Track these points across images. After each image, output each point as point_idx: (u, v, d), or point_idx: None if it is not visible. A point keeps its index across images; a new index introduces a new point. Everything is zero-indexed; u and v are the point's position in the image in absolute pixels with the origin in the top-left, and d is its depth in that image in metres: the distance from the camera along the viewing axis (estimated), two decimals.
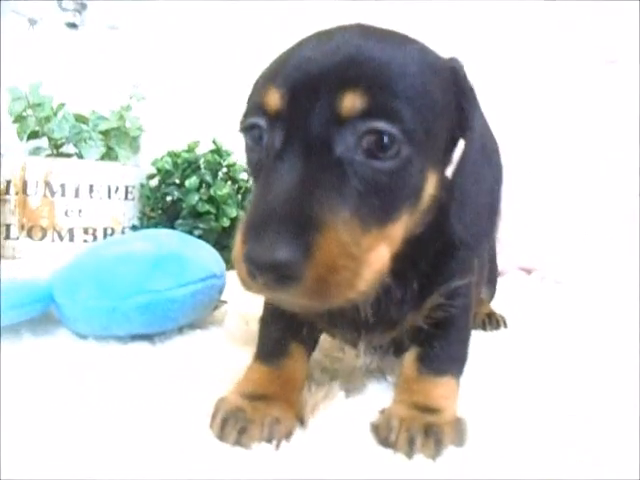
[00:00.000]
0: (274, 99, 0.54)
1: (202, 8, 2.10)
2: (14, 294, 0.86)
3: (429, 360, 0.69)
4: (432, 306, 0.69)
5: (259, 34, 2.05)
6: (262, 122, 0.55)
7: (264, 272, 0.47)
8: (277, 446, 0.58)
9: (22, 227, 1.54)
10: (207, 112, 1.98)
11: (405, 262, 0.61)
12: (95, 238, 1.61)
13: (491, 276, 1.14)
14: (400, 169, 0.53)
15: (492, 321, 1.14)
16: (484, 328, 1.10)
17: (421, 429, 0.59)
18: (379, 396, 0.71)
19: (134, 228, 1.68)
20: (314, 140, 0.52)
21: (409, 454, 0.57)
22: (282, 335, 0.71)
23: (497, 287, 1.21)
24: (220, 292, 0.98)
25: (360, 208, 0.51)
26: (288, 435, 0.60)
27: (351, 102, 0.51)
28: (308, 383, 0.72)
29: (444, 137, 0.58)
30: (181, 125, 1.94)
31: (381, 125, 0.51)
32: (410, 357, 0.71)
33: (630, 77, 1.85)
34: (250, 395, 0.64)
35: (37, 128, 1.64)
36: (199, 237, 1.21)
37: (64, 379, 0.72)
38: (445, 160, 0.61)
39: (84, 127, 1.65)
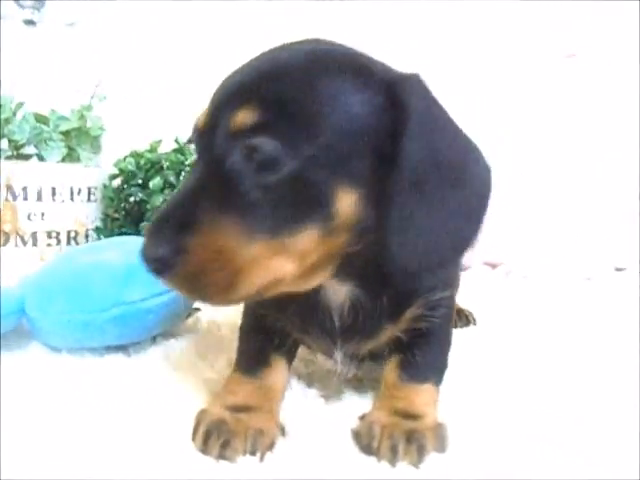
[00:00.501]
0: (201, 118, 0.60)
1: (163, 5, 2.07)
2: None
3: (410, 368, 0.71)
4: (412, 317, 0.70)
5: (220, 31, 2.04)
6: (193, 136, 0.62)
7: (148, 264, 0.55)
8: (261, 458, 0.59)
9: None
10: (168, 110, 1.96)
11: (371, 274, 0.64)
12: (59, 242, 1.58)
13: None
14: (284, 184, 0.55)
15: (461, 317, 1.16)
16: (454, 325, 1.09)
17: (403, 436, 0.61)
18: (357, 401, 0.74)
19: (97, 230, 1.66)
20: (212, 154, 0.57)
21: (392, 461, 0.59)
22: (262, 346, 0.73)
23: (461, 282, 1.21)
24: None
25: (247, 218, 0.54)
26: (271, 446, 0.62)
27: (241, 118, 0.55)
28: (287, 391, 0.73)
29: (364, 158, 0.58)
30: (142, 124, 1.92)
31: (262, 141, 0.54)
32: (391, 365, 0.72)
33: (589, 71, 1.87)
34: (232, 407, 0.66)
35: None
36: None
37: (41, 394, 0.73)
38: (375, 177, 0.58)
39: (45, 128, 1.61)
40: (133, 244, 0.95)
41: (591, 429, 0.67)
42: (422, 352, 0.72)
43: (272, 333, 0.73)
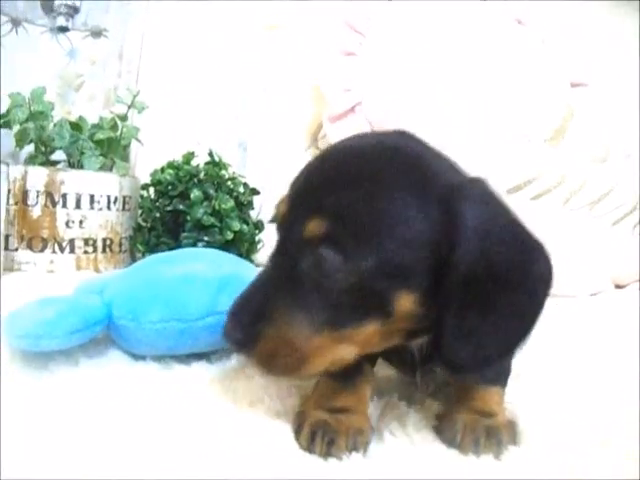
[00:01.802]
0: (281, 207, 0.67)
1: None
2: (73, 317, 0.86)
3: (483, 373, 0.75)
4: None
5: (246, 45, 2.07)
6: (275, 223, 0.69)
7: (230, 343, 0.65)
8: (364, 454, 0.64)
9: (22, 238, 1.52)
10: (199, 122, 1.99)
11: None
12: (95, 249, 1.60)
13: None
14: (347, 292, 0.61)
15: None
16: None
17: (483, 431, 0.66)
18: (434, 405, 0.79)
19: (130, 239, 1.68)
20: (289, 253, 0.64)
21: (476, 454, 0.65)
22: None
23: None
24: None
25: (313, 314, 0.62)
26: (367, 443, 0.67)
27: (312, 228, 0.61)
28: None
29: (422, 266, 0.61)
30: (172, 135, 1.95)
31: (327, 252, 0.60)
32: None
33: (537, 38, 1.93)
34: (330, 408, 0.70)
35: (33, 136, 1.62)
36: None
37: (123, 400, 0.75)
38: (435, 278, 0.62)
39: (80, 136, 1.64)
40: (214, 256, 1.01)
41: (591, 430, 0.71)
42: None
43: None
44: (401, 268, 0.61)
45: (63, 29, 2.03)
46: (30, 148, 1.71)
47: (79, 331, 0.85)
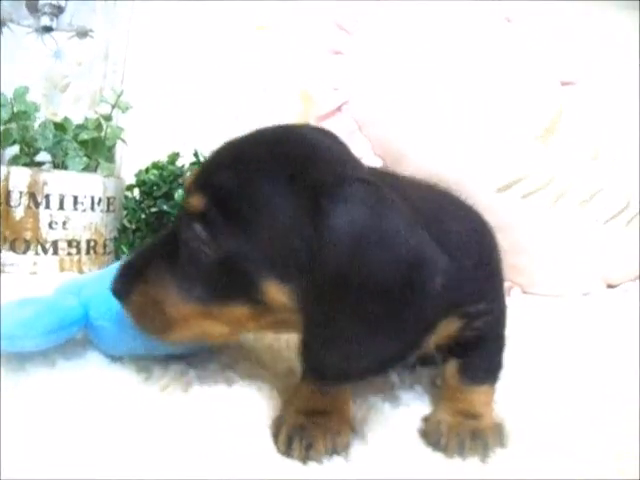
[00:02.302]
0: (185, 184, 0.72)
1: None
2: (49, 317, 0.83)
3: (469, 372, 0.76)
4: (448, 329, 0.74)
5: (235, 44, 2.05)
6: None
7: (112, 293, 0.72)
8: (345, 457, 0.64)
9: (4, 239, 1.49)
10: (183, 122, 1.97)
11: None
12: (79, 251, 1.58)
13: None
14: (212, 267, 0.63)
15: None
16: None
17: (469, 434, 0.67)
18: (416, 404, 0.79)
19: (115, 240, 1.66)
20: (176, 223, 0.69)
21: (461, 456, 0.65)
22: None
23: None
24: None
25: (184, 284, 0.66)
26: (347, 446, 0.66)
27: (191, 202, 0.65)
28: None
29: (291, 260, 0.60)
30: (157, 136, 1.93)
31: (197, 228, 0.63)
32: (451, 369, 0.77)
33: (526, 36, 1.91)
34: (307, 411, 0.69)
35: (17, 137, 1.59)
36: None
37: (107, 404, 0.73)
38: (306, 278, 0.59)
39: (64, 136, 1.61)
40: None
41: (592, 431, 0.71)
42: (478, 356, 0.77)
43: None
44: (268, 256, 0.61)
45: (47, 29, 2.01)
46: (15, 150, 1.68)
47: (55, 331, 0.83)
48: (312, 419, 0.67)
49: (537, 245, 1.83)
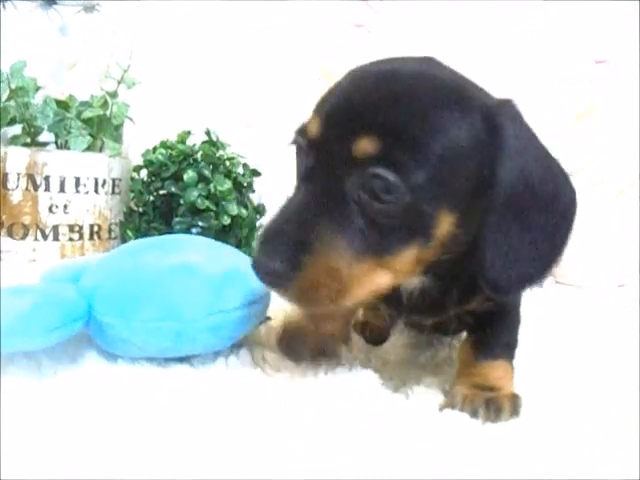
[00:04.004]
0: (313, 127, 0.64)
1: None
2: (50, 312, 0.72)
3: (483, 347, 0.78)
4: (479, 304, 0.76)
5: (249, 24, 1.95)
6: (302, 142, 0.66)
7: (263, 276, 0.62)
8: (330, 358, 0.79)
9: (1, 225, 1.39)
10: (195, 100, 1.87)
11: (446, 274, 0.70)
12: (81, 236, 1.48)
13: None
14: (398, 213, 0.60)
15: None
16: None
17: (483, 402, 0.68)
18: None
19: (121, 225, 1.56)
20: (330, 173, 0.61)
21: (494, 419, 0.67)
22: None
23: None
24: (267, 308, 0.90)
25: (356, 240, 0.61)
26: (335, 353, 0.79)
27: (363, 147, 0.59)
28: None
29: (465, 183, 0.63)
30: (167, 114, 1.82)
31: (385, 173, 0.58)
32: (466, 345, 0.80)
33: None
34: (309, 328, 0.81)
35: (15, 115, 1.49)
36: (198, 235, 1.10)
37: (104, 402, 0.66)
38: (472, 198, 0.64)
39: (67, 114, 1.51)
40: (211, 246, 0.88)
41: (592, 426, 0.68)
42: (493, 332, 0.78)
43: None
44: (448, 186, 0.61)
45: (51, 1, 1.89)
46: (17, 130, 1.57)
47: (57, 329, 0.72)
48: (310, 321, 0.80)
49: (575, 232, 1.73)
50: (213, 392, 0.71)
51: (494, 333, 0.79)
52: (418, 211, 0.61)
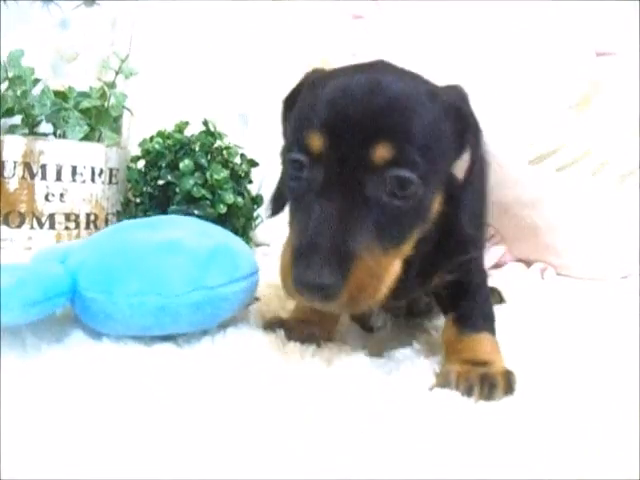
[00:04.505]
0: (316, 142, 0.67)
1: None
2: (32, 287, 0.72)
3: (464, 320, 0.82)
4: (442, 280, 0.84)
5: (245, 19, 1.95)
6: (304, 159, 0.69)
7: (312, 292, 0.63)
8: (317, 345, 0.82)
9: None
10: (194, 91, 1.87)
11: (410, 254, 0.74)
12: (77, 225, 1.47)
13: None
14: (415, 205, 0.68)
15: (494, 295, 1.23)
16: None
17: (477, 378, 0.69)
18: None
19: (118, 214, 1.56)
20: (350, 181, 0.65)
21: (489, 397, 0.68)
22: None
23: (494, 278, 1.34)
24: (255, 288, 0.90)
25: (381, 236, 0.66)
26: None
27: (381, 153, 0.64)
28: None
29: (447, 166, 0.75)
30: (166, 104, 1.83)
31: (404, 173, 0.65)
32: (448, 323, 0.84)
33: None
34: (296, 318, 0.88)
35: (12, 104, 1.49)
36: None
37: (85, 386, 0.66)
38: (447, 178, 0.75)
39: (64, 104, 1.51)
40: (200, 225, 0.89)
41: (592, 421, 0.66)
42: (469, 305, 0.84)
43: None
44: (439, 172, 0.71)
45: None
46: (16, 121, 1.57)
47: (38, 303, 0.72)
48: (297, 323, 0.86)
49: (573, 223, 1.72)
50: (198, 371, 0.70)
51: (471, 306, 0.84)
52: (424, 201, 0.69)
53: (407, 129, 0.66)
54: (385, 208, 0.66)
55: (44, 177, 1.43)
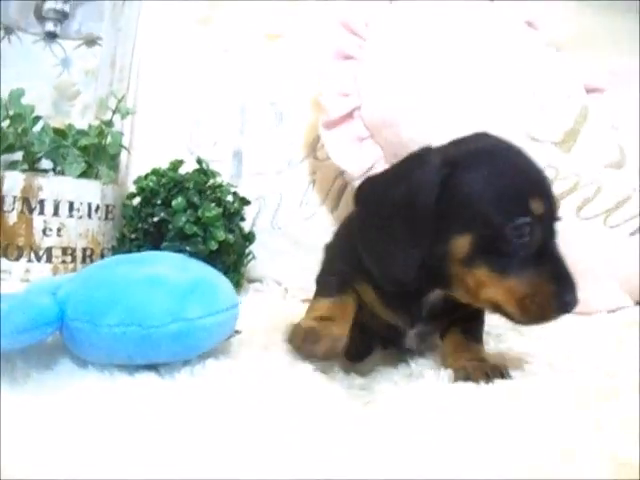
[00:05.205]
0: (540, 207, 0.84)
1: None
2: (22, 315, 0.76)
3: (470, 334, 1.00)
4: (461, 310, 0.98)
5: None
6: (528, 220, 0.83)
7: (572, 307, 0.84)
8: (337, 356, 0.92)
9: None
10: (187, 129, 1.92)
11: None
12: (74, 259, 1.52)
13: None
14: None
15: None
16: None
17: (489, 367, 0.86)
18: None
19: (113, 250, 1.60)
20: (554, 231, 0.88)
21: (487, 383, 0.82)
22: (342, 282, 0.99)
23: None
24: (236, 322, 0.94)
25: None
26: (341, 349, 0.89)
27: (558, 205, 0.89)
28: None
29: None
30: (164, 142, 1.88)
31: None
32: (454, 334, 1.00)
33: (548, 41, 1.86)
34: (319, 317, 0.92)
35: (13, 141, 1.54)
36: None
37: (70, 412, 0.69)
38: None
39: (64, 142, 1.56)
40: (180, 260, 0.93)
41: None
42: (473, 325, 1.02)
43: (350, 279, 1.00)
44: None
45: (52, 35, 1.97)
46: (17, 157, 1.63)
47: (26, 331, 0.76)
48: (322, 323, 0.89)
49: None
50: (176, 400, 0.73)
51: (474, 326, 1.02)
52: None
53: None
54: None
55: (42, 212, 1.48)
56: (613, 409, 0.71)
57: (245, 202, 1.64)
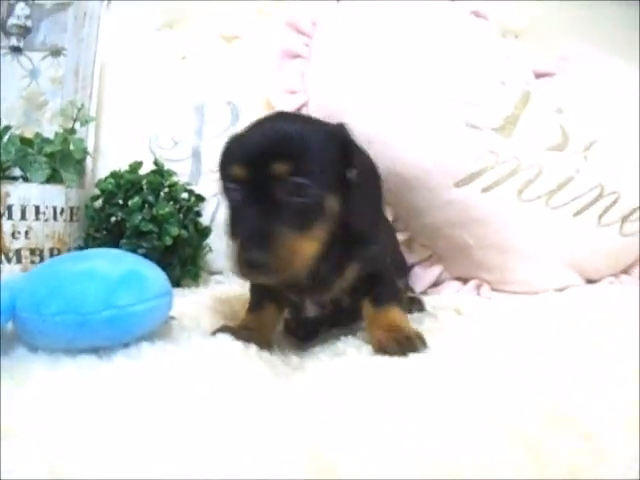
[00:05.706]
0: (239, 172, 0.95)
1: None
2: None
3: (377, 299, 1.09)
4: (355, 272, 1.09)
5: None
6: (233, 185, 0.98)
7: (251, 269, 0.92)
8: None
9: None
10: (147, 130, 2.02)
11: (327, 249, 1.00)
12: (42, 259, 1.63)
13: (399, 267, 1.60)
14: (313, 202, 0.95)
15: (415, 303, 1.51)
16: (411, 311, 1.40)
17: (403, 338, 0.97)
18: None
19: (79, 249, 1.70)
20: (263, 191, 0.93)
21: (403, 353, 0.93)
22: (260, 297, 1.16)
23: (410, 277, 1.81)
24: (170, 309, 1.05)
25: (293, 225, 0.92)
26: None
27: (280, 168, 0.92)
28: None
29: (336, 176, 0.99)
30: (127, 147, 1.98)
31: (299, 179, 0.93)
32: (366, 304, 1.09)
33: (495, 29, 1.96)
34: (241, 326, 1.10)
35: None
36: (143, 256, 1.23)
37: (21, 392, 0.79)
38: (341, 187, 0.99)
39: (29, 150, 1.66)
40: (118, 254, 1.05)
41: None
42: (379, 289, 1.10)
43: (266, 290, 1.14)
44: (327, 179, 0.97)
45: (16, 49, 2.06)
46: None
47: None
48: (242, 331, 1.04)
49: (505, 239, 1.80)
50: (114, 379, 0.83)
51: (381, 289, 1.10)
52: (317, 199, 0.95)
53: (299, 150, 0.94)
54: (292, 206, 0.92)
55: (10, 217, 1.59)
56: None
57: (200, 199, 1.76)
